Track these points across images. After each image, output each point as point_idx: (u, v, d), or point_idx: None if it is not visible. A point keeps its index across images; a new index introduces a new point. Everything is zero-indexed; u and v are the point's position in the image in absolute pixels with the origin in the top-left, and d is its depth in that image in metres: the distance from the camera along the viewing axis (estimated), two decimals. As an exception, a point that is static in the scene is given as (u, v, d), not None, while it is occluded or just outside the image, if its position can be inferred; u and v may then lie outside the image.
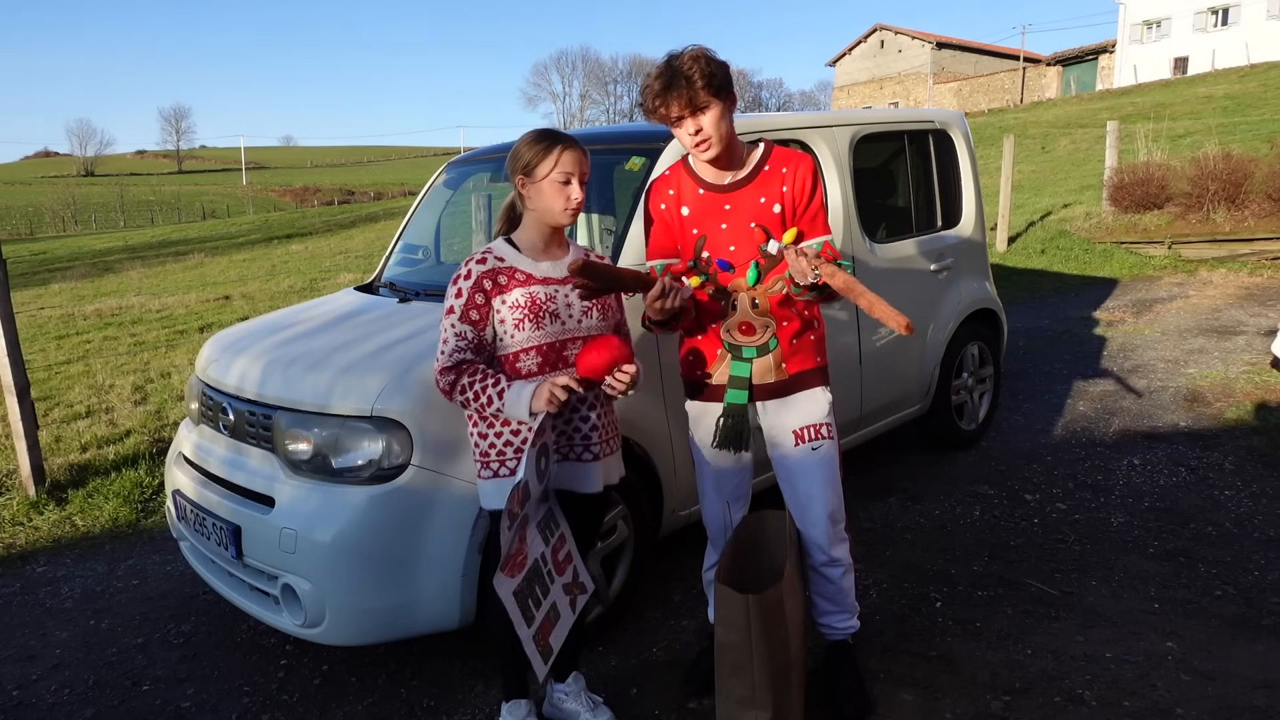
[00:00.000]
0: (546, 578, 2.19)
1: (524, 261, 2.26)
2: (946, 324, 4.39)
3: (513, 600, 2.06)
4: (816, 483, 2.49)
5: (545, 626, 2.17)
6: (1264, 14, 36.39)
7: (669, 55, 2.28)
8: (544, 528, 2.21)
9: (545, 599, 2.18)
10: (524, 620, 2.09)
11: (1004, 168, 11.16)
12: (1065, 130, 22.49)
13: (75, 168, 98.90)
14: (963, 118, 4.68)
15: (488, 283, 2.21)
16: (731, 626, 2.26)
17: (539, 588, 2.16)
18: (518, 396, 2.13)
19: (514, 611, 2.06)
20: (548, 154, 2.20)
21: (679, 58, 2.24)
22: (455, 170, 4.16)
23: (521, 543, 2.10)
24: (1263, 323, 7.16)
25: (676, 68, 2.22)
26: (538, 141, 2.22)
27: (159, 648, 3.17)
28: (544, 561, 2.19)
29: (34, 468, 4.50)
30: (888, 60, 54.47)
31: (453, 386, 2.18)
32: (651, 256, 2.49)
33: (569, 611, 2.27)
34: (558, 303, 2.24)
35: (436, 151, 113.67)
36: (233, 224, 31.94)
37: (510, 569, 2.06)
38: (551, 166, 2.19)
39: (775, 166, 2.39)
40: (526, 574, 2.12)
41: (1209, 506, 3.86)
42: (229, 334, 3.41)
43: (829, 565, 2.57)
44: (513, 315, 2.21)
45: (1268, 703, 2.52)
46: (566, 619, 2.26)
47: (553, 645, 2.19)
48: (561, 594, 2.25)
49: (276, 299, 10.75)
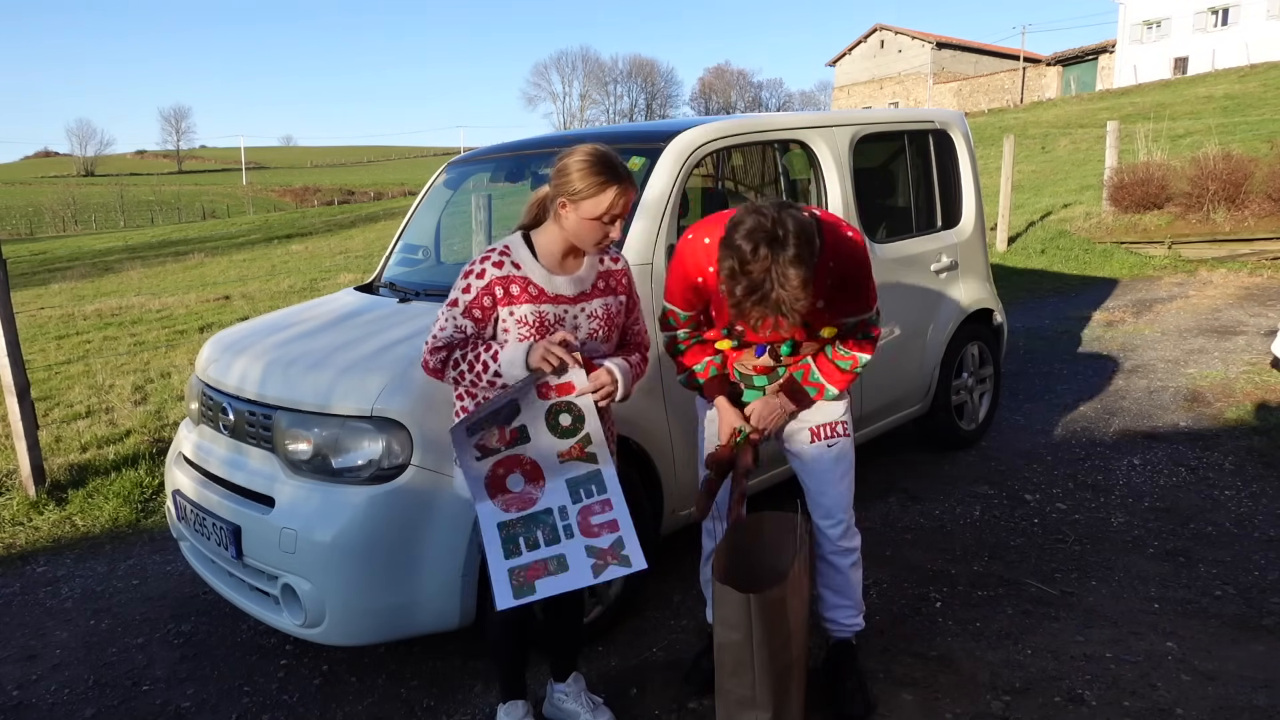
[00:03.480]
0: (561, 530, 2.22)
1: (538, 272, 2.21)
2: (946, 324, 4.39)
3: (493, 528, 2.18)
4: (831, 478, 2.55)
5: (535, 568, 2.19)
6: (1264, 14, 36.38)
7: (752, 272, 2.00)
8: (578, 486, 2.24)
9: (549, 547, 2.20)
10: (502, 551, 2.17)
11: (1004, 168, 11.16)
12: (1065, 130, 22.48)
13: (75, 168, 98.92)
14: (963, 118, 4.68)
15: (499, 290, 2.18)
16: (731, 626, 2.26)
17: (542, 533, 2.21)
18: (514, 355, 2.14)
19: (491, 537, 2.17)
20: (602, 192, 2.10)
21: (776, 285, 1.99)
22: (455, 170, 4.16)
23: (533, 485, 2.20)
24: (1263, 323, 7.16)
25: (776, 301, 2.01)
26: (595, 174, 2.10)
27: (159, 648, 3.17)
28: (561, 514, 2.22)
29: (34, 468, 4.50)
30: (888, 60, 54.47)
31: (444, 364, 2.19)
32: (673, 301, 2.47)
33: (587, 573, 2.20)
34: (566, 326, 2.23)
35: (436, 151, 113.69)
36: (233, 224, 31.94)
37: (507, 504, 2.18)
38: (603, 208, 2.12)
39: (823, 262, 2.20)
40: (527, 515, 2.20)
41: (1209, 506, 3.85)
42: (229, 334, 3.41)
43: (839, 554, 2.60)
44: (518, 329, 2.19)
45: (1268, 703, 2.52)
46: (575, 577, 2.20)
47: (538, 589, 2.18)
48: (582, 553, 2.22)
49: (276, 299, 10.74)
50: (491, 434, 2.18)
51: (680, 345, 2.54)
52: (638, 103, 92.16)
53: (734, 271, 2.02)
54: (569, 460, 2.23)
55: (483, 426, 2.17)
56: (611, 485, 2.26)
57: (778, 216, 2.01)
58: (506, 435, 2.19)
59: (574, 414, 2.20)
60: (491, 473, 2.20)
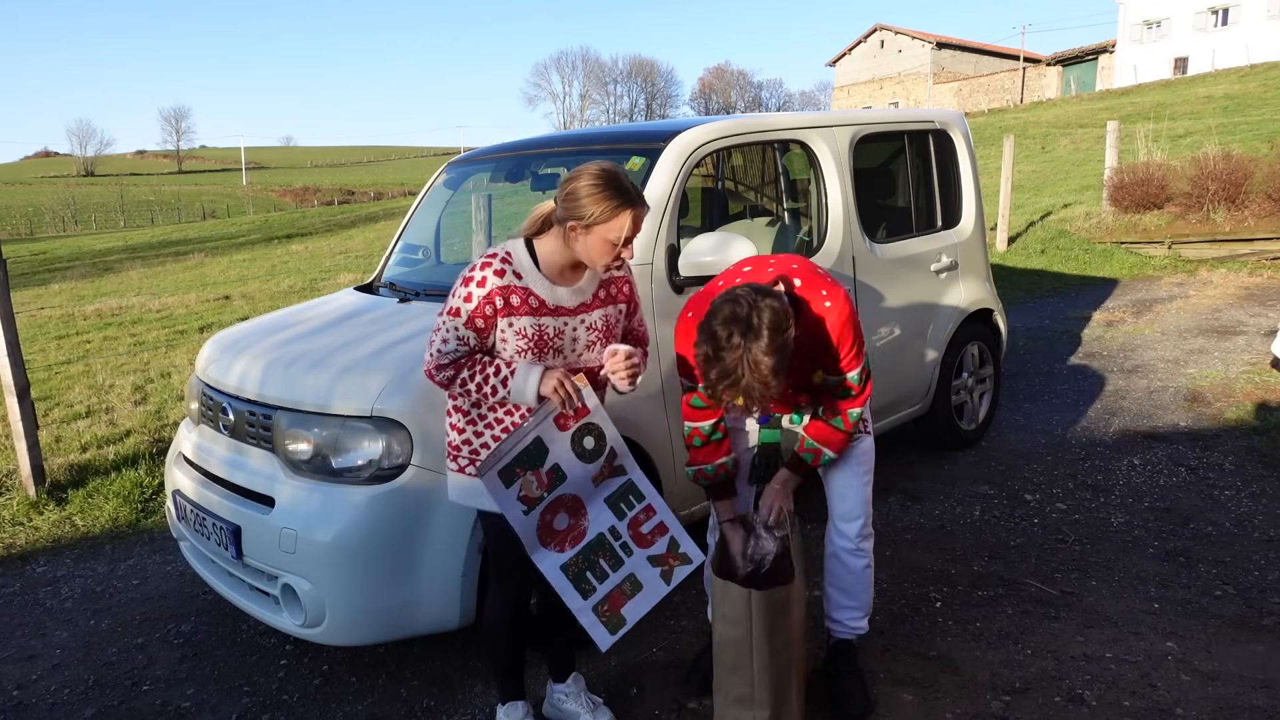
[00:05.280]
0: (620, 550, 2.25)
1: (540, 284, 2.16)
2: (946, 324, 4.39)
3: (559, 573, 2.18)
4: (851, 475, 2.56)
5: (615, 598, 2.24)
6: (1264, 14, 36.37)
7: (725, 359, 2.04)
8: (617, 501, 2.26)
9: (616, 571, 2.25)
10: (578, 593, 2.20)
11: (1004, 168, 11.15)
12: (1065, 130, 22.48)
13: (75, 168, 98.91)
14: (963, 118, 4.68)
15: (499, 299, 2.12)
16: (732, 622, 2.27)
17: (605, 560, 2.24)
18: (524, 384, 2.12)
19: (561, 584, 2.19)
20: (614, 216, 2.05)
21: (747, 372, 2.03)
22: (455, 170, 4.16)
23: (578, 517, 2.21)
24: (1263, 323, 7.16)
25: (746, 387, 2.05)
26: (607, 199, 2.04)
27: (159, 648, 3.17)
28: (614, 535, 2.25)
29: (34, 468, 4.50)
30: (888, 60, 54.47)
31: (451, 381, 2.17)
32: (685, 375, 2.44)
33: (659, 583, 2.28)
34: (564, 338, 2.20)
35: (436, 151, 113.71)
36: (233, 224, 31.93)
37: (560, 544, 2.19)
38: (616, 232, 2.07)
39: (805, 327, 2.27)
40: (584, 548, 2.22)
41: (1209, 506, 3.85)
42: (229, 334, 3.41)
43: (854, 554, 2.60)
44: (517, 341, 2.14)
45: (1268, 703, 2.53)
46: (652, 591, 2.28)
47: (626, 617, 2.25)
48: (647, 565, 2.27)
49: (276, 299, 10.74)
50: (530, 482, 2.14)
51: (699, 440, 2.47)
52: (638, 103, 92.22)
53: (708, 357, 2.07)
54: (603, 480, 2.24)
55: (516, 473, 2.12)
56: (646, 488, 2.28)
57: (754, 305, 2.04)
58: (545, 479, 2.16)
59: (595, 433, 2.20)
60: (541, 521, 2.18)
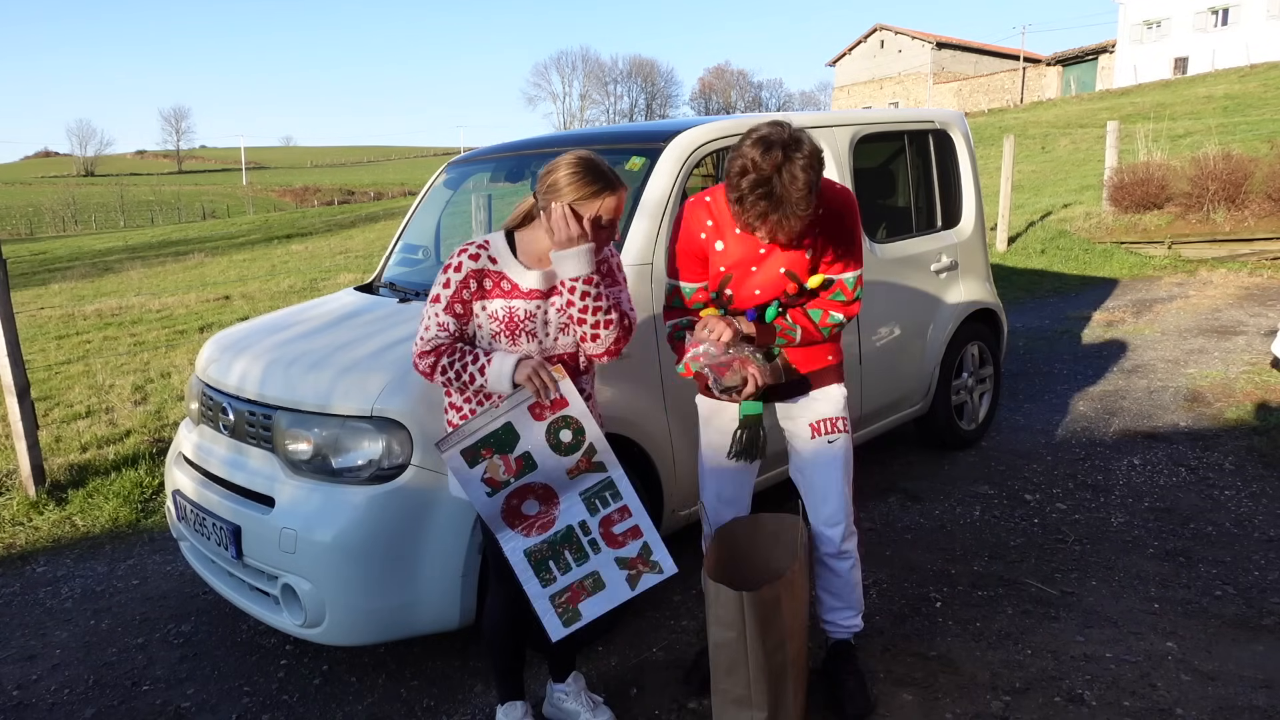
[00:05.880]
0: (587, 545, 2.24)
1: (514, 268, 2.21)
2: (946, 324, 4.39)
3: (521, 557, 2.20)
4: (831, 475, 2.53)
5: (575, 592, 2.23)
6: (1264, 14, 36.37)
7: (763, 168, 2.04)
8: (593, 497, 2.24)
9: (580, 566, 2.24)
10: (537, 579, 2.20)
11: (1004, 168, 11.16)
12: (1065, 130, 22.49)
13: (75, 168, 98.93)
14: (963, 118, 4.68)
15: (474, 283, 2.18)
16: (726, 624, 2.26)
17: (570, 553, 2.23)
18: (500, 371, 2.14)
19: (522, 568, 2.20)
20: (594, 200, 2.08)
21: (783, 183, 2.05)
22: (455, 170, 4.17)
23: (548, 505, 2.21)
24: (1263, 323, 7.16)
25: (779, 198, 2.06)
26: (586, 184, 2.08)
27: (159, 648, 3.17)
28: (583, 530, 2.24)
29: (34, 468, 4.50)
30: (888, 60, 54.47)
31: (433, 368, 2.19)
32: (683, 278, 2.45)
33: (624, 586, 2.26)
34: (536, 321, 2.20)
35: (436, 151, 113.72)
36: (233, 224, 31.92)
37: (528, 529, 2.20)
38: (593, 214, 2.10)
39: (816, 205, 2.21)
40: (551, 537, 2.22)
41: (1209, 506, 3.85)
42: (229, 334, 3.41)
43: (838, 558, 2.59)
44: (490, 325, 2.19)
45: (1268, 703, 2.53)
46: (614, 593, 2.26)
47: (583, 612, 2.24)
48: (614, 566, 2.26)
49: (276, 299, 10.75)
50: (497, 465, 2.16)
51: (682, 332, 2.49)
52: (638, 103, 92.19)
53: (744, 168, 2.07)
54: (579, 474, 2.23)
55: (482, 455, 2.14)
56: (625, 490, 2.26)
57: (794, 130, 2.10)
58: (513, 465, 2.18)
59: (573, 428, 2.19)
60: (505, 504, 2.19)
